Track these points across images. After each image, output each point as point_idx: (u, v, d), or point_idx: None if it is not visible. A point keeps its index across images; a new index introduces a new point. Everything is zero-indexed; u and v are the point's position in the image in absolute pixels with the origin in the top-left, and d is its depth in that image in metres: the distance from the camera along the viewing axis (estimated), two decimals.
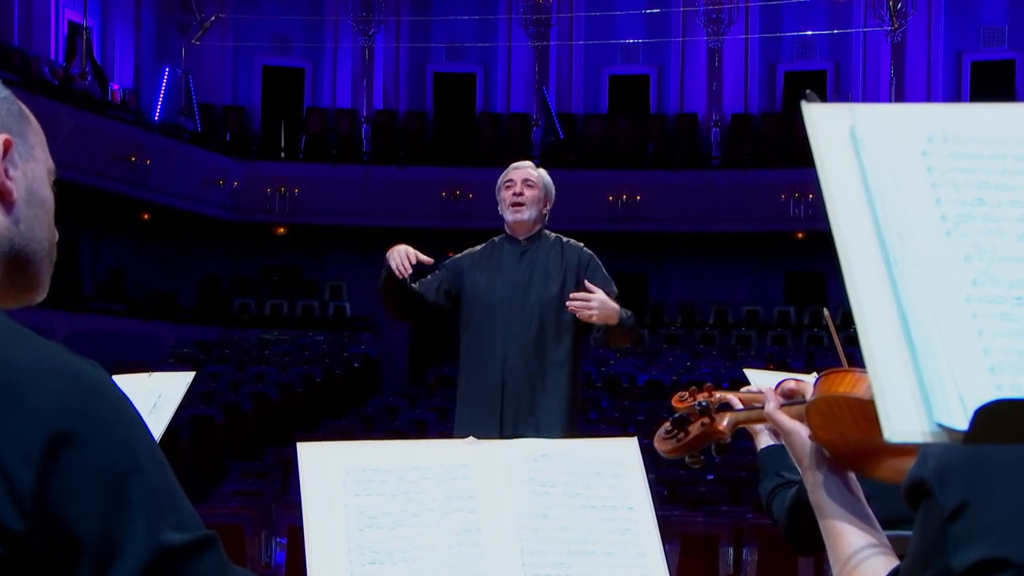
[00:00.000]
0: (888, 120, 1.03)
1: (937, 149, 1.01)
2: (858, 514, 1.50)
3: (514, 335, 4.61)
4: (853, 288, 0.95)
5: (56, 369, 1.18)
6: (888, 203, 0.98)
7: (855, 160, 1.00)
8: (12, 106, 1.34)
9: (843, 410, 1.47)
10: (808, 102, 1.03)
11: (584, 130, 22.02)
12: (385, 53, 22.28)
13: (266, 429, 14.34)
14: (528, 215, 4.76)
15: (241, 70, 22.45)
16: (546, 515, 2.02)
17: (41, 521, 1.13)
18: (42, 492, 1.13)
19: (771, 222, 20.09)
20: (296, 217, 20.88)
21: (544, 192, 4.81)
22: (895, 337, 0.92)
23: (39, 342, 1.21)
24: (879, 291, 0.94)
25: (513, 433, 4.46)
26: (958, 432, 0.88)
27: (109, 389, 1.21)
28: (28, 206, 1.32)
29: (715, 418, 1.89)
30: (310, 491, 1.95)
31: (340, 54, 22.40)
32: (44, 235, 1.34)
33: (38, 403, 1.15)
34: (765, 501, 2.56)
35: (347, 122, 22.02)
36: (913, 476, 1.23)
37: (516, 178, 4.81)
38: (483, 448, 2.07)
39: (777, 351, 18.23)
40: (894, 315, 0.93)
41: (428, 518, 1.97)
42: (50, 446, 1.14)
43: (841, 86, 21.69)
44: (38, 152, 1.36)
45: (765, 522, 8.17)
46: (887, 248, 0.96)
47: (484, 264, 4.83)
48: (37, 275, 1.34)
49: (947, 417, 0.88)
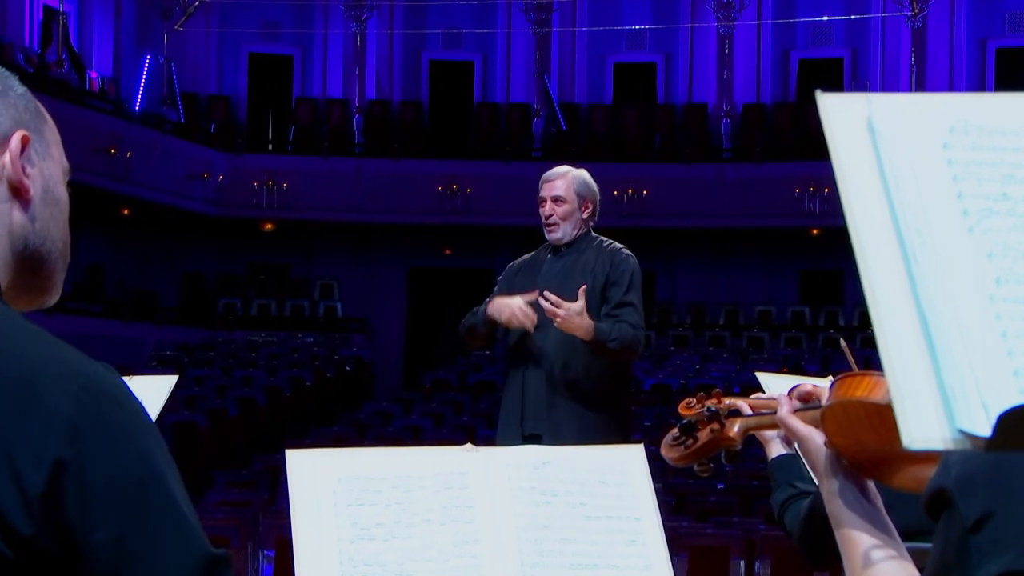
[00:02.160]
0: (907, 110, 1.03)
1: (959, 141, 1.02)
2: (876, 524, 1.50)
3: (542, 336, 4.71)
4: (870, 287, 0.95)
5: (72, 371, 1.20)
6: (907, 198, 0.98)
7: (872, 152, 1.00)
8: (29, 103, 1.38)
9: (860, 415, 1.48)
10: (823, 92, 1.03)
11: (588, 121, 22.02)
12: (378, 39, 22.28)
13: (253, 436, 14.33)
14: (561, 233, 4.83)
15: (226, 57, 22.44)
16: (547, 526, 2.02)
17: (50, 526, 1.15)
18: (52, 496, 1.15)
19: (785, 218, 20.09)
20: (284, 212, 20.87)
21: (579, 201, 4.83)
22: (914, 339, 0.92)
23: (54, 343, 1.23)
24: (897, 290, 0.94)
25: (532, 431, 4.64)
26: (980, 439, 0.88)
27: (124, 394, 1.23)
28: (44, 205, 1.35)
29: (725, 424, 1.89)
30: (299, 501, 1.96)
31: (331, 40, 22.40)
32: (59, 235, 1.37)
33: (52, 405, 1.17)
34: (777, 513, 2.56)
35: (338, 112, 22.01)
36: (934, 485, 1.23)
37: (546, 196, 4.85)
38: (481, 455, 2.07)
39: (791, 354, 18.23)
40: (913, 315, 0.93)
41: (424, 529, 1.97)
42: (63, 451, 1.16)
43: (858, 75, 21.68)
44: (54, 151, 1.40)
45: (778, 534, 8.17)
46: (906, 245, 0.96)
47: (525, 270, 4.94)
48: (51, 276, 1.36)
49: (969, 423, 0.88)
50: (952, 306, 0.93)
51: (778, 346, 19.44)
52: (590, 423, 4.66)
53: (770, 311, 20.93)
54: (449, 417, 14.11)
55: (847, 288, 20.37)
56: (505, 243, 17.98)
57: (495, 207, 19.90)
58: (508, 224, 19.09)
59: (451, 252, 21.70)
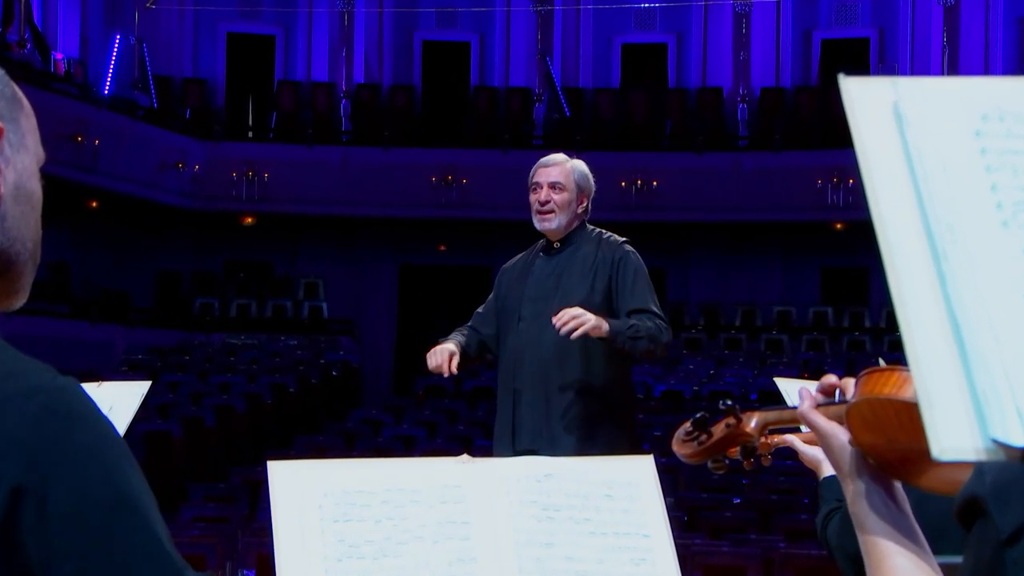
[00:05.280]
0: (936, 96, 1.03)
1: (992, 128, 1.02)
2: (903, 530, 1.50)
3: (534, 341, 4.69)
4: (897, 286, 0.96)
5: (30, 388, 1.18)
6: (936, 190, 0.99)
7: (899, 141, 1.01)
8: (5, 88, 1.34)
9: (888, 413, 1.48)
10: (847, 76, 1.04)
11: (593, 107, 22.03)
12: (367, 18, 22.28)
13: (232, 447, 14.34)
14: (556, 223, 4.80)
15: (203, 37, 22.45)
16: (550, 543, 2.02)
17: (7, 560, 1.13)
18: (9, 527, 1.13)
19: (806, 211, 20.10)
20: (266, 205, 20.88)
21: (577, 191, 4.82)
22: (944, 341, 0.92)
23: (13, 355, 1.20)
24: (926, 289, 0.95)
25: (527, 447, 4.56)
26: (1016, 449, 0.89)
27: (90, 411, 1.20)
28: (15, 202, 1.32)
29: (742, 418, 1.90)
30: (282, 516, 1.96)
31: (316, 19, 22.40)
32: (29, 235, 1.33)
33: (8, 427, 1.15)
34: (820, 529, 2.56)
35: (324, 97, 22.02)
36: (967, 492, 1.23)
37: (542, 181, 4.82)
38: (478, 467, 2.08)
39: (813, 358, 18.24)
40: (943, 316, 0.93)
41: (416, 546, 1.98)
42: (21, 477, 1.14)
43: (886, 56, 21.69)
44: (29, 140, 1.36)
45: (800, 552, 8.18)
46: (935, 240, 0.96)
47: (518, 270, 4.91)
48: (19, 279, 1.33)
49: (1003, 432, 0.89)
50: (985, 306, 0.94)
51: (798, 349, 19.44)
52: (593, 435, 4.63)
53: (790, 312, 20.93)
54: (444, 426, 14.12)
55: (873, 287, 20.37)
56: (504, 238, 17.95)
57: (493, 199, 19.89)
58: (507, 218, 19.04)
59: (446, 248, 21.71)
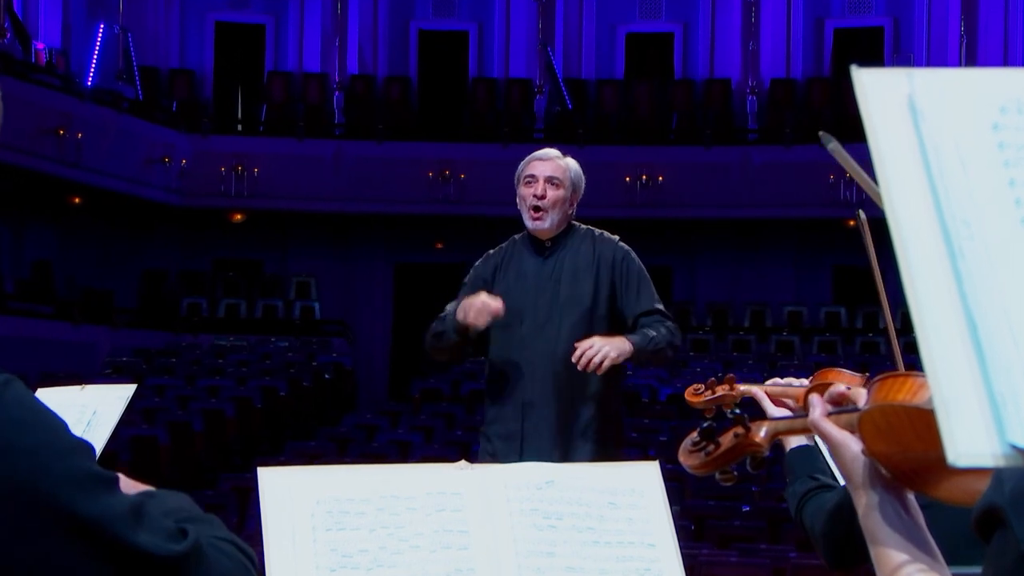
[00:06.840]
0: (953, 88, 1.03)
1: (1011, 122, 1.02)
2: (917, 543, 1.50)
3: (545, 354, 4.65)
4: (911, 285, 0.96)
5: None
6: (953, 185, 0.99)
7: (914, 135, 1.01)
8: None
9: (903, 421, 1.47)
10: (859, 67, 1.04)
11: (596, 99, 22.03)
12: (361, 7, 22.28)
13: (220, 452, 14.35)
14: (550, 222, 4.77)
15: (190, 27, 22.44)
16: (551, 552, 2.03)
17: None
18: None
19: (818, 207, 20.09)
20: (255, 201, 20.88)
21: (572, 190, 4.80)
22: (960, 342, 0.93)
23: None
24: (942, 288, 0.95)
25: (537, 460, 4.49)
26: None
27: (34, 413, 1.17)
28: None
29: (751, 428, 1.89)
30: (273, 525, 1.96)
31: (307, 8, 22.40)
32: None
33: None
34: (795, 506, 2.57)
35: (316, 89, 22.02)
36: (986, 502, 1.23)
37: (539, 175, 4.79)
38: (477, 474, 2.08)
39: (825, 360, 18.24)
40: (960, 316, 0.94)
41: (412, 556, 1.98)
42: None
43: (901, 46, 21.69)
44: None
45: (812, 562, 8.18)
46: (951, 237, 0.96)
47: (505, 270, 4.85)
48: None
49: (1022, 437, 0.89)
50: (1003, 306, 0.94)
51: (810, 351, 19.44)
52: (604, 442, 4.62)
53: (801, 312, 20.93)
54: (441, 431, 14.12)
55: (888, 286, 20.27)
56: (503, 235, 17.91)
57: (492, 195, 19.87)
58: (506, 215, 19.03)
59: (443, 246, 21.70)
